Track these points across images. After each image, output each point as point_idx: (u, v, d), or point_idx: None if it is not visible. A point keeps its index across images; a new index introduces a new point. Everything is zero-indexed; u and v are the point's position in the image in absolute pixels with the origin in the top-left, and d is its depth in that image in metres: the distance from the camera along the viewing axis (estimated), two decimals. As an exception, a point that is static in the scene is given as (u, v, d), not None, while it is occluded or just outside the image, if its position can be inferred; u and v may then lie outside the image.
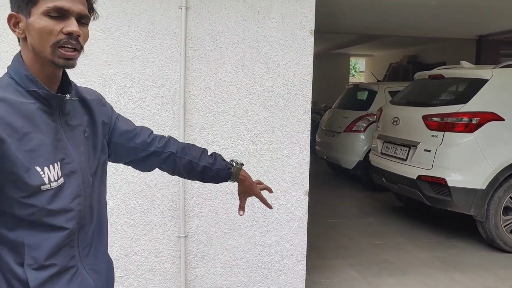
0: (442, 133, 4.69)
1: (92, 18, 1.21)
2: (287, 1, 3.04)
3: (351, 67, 18.12)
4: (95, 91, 1.41)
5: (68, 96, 1.19)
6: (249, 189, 1.68)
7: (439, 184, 4.59)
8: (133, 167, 1.55)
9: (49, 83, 1.16)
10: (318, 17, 3.13)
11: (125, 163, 1.53)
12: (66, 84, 1.23)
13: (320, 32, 3.13)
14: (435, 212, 5.86)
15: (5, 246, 1.11)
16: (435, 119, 4.81)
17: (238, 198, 1.68)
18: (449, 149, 4.60)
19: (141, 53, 2.89)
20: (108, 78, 2.85)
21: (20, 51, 1.17)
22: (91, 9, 1.19)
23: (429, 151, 4.76)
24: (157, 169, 1.56)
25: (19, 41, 1.16)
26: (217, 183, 1.62)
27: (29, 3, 1.09)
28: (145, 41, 2.89)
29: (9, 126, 1.05)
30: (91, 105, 1.33)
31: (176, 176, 1.60)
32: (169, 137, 1.55)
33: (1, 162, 1.04)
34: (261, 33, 3.03)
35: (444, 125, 4.68)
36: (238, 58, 3.02)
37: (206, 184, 3.00)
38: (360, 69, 23.05)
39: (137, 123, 1.52)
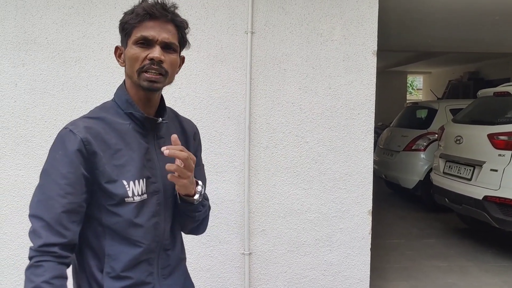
0: (510, 152, 4.51)
1: (185, 46, 1.33)
2: (350, 23, 3.10)
3: (408, 84, 17.76)
4: (194, 125, 1.49)
5: (160, 119, 1.30)
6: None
7: (508, 205, 4.40)
8: None
9: (145, 107, 1.28)
10: (377, 36, 3.16)
11: None
12: (162, 109, 1.34)
13: (379, 50, 3.15)
14: (502, 235, 5.59)
15: (91, 252, 1.24)
16: (502, 137, 4.64)
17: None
18: (519, 169, 4.41)
19: (209, 76, 3.04)
20: (178, 100, 3.01)
21: (124, 79, 1.31)
22: (182, 39, 1.30)
23: (496, 170, 4.59)
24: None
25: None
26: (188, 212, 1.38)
27: (126, 36, 1.24)
28: (213, 65, 3.03)
29: (103, 142, 1.20)
30: (188, 135, 1.43)
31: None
32: None
33: (93, 172, 1.19)
34: (323, 54, 3.10)
35: (512, 144, 4.51)
36: (301, 80, 3.10)
37: (270, 202, 3.09)
38: (417, 86, 22.52)
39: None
